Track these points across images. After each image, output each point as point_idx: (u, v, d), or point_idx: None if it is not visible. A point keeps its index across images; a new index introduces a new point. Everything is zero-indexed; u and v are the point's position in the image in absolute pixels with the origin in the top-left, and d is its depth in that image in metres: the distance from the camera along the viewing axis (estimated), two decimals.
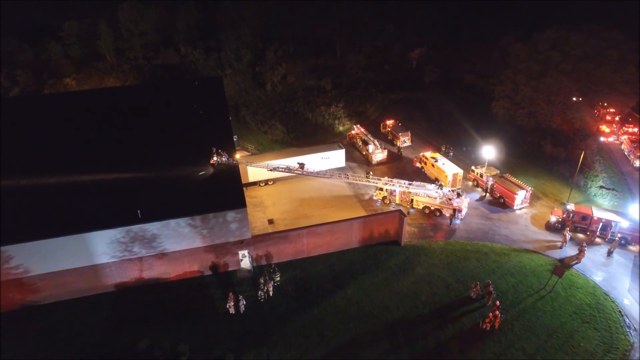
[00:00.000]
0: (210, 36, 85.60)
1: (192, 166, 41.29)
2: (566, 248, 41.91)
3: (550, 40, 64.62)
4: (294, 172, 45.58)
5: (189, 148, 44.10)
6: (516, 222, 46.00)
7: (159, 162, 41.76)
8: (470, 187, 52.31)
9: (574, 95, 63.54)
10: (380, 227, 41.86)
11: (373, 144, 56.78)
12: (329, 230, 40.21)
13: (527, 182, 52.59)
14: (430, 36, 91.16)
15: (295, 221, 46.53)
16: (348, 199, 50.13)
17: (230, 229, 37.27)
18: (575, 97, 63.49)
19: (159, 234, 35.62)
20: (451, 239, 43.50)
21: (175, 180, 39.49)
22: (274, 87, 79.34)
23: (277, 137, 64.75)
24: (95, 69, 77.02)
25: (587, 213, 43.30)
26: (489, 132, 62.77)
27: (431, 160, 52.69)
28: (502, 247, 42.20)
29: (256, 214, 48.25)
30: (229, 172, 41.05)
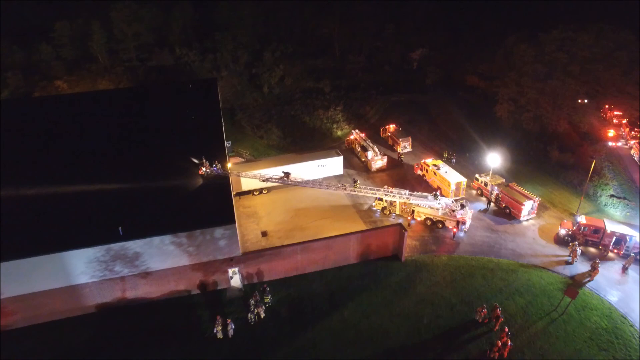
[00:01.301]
0: (206, 37, 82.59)
1: (180, 177, 38.54)
2: (577, 264, 39.00)
3: (556, 40, 61.38)
4: (281, 182, 42.59)
5: (177, 157, 41.24)
6: (523, 235, 43.07)
7: (144, 172, 39.03)
8: (475, 197, 49.35)
9: (581, 98, 60.57)
10: (379, 242, 39.00)
11: (372, 150, 53.83)
12: (324, 246, 37.36)
13: (534, 190, 49.69)
14: (431, 36, 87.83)
15: (290, 233, 43.74)
16: (346, 209, 47.24)
17: (219, 246, 34.46)
18: (580, 100, 60.45)
19: (141, 252, 32.82)
20: (455, 253, 40.60)
21: (161, 192, 36.69)
22: (271, 89, 76.37)
23: (273, 142, 61.84)
24: (88, 70, 74.12)
25: (599, 226, 40.33)
26: (492, 137, 59.88)
27: (433, 168, 49.74)
28: (509, 262, 39.28)
29: (249, 226, 45.41)
30: (218, 184, 38.18)
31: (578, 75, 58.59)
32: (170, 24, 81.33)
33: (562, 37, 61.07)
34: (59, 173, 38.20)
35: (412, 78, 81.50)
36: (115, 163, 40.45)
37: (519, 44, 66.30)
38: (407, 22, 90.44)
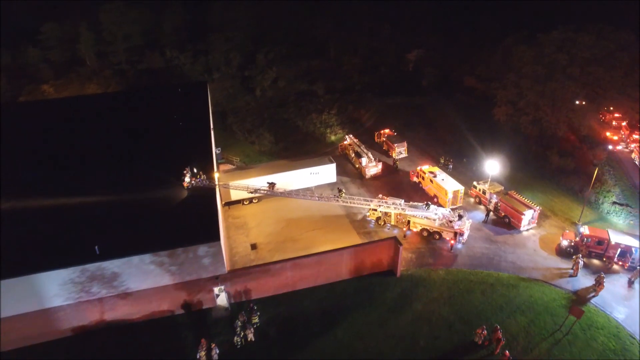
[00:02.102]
0: (198, 38, 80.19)
1: (162, 189, 36.30)
2: (580, 277, 36.89)
3: (556, 41, 59.15)
4: (265, 193, 40.22)
5: (160, 167, 39.02)
6: (524, 246, 40.92)
7: (122, 184, 36.84)
8: (472, 205, 47.18)
9: (580, 100, 58.40)
10: (373, 256, 36.80)
11: (366, 157, 51.57)
12: (316, 262, 35.14)
13: (534, 197, 47.60)
14: (428, 37, 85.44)
15: (281, 245, 41.54)
16: (339, 219, 45.00)
17: (203, 264, 32.17)
18: (578, 101, 58.25)
19: (120, 272, 30.51)
20: (452, 266, 38.41)
21: (141, 206, 34.48)
22: (263, 92, 74.05)
23: (265, 148, 59.52)
24: (76, 74, 71.66)
25: (603, 237, 38.22)
26: (491, 141, 57.70)
27: (429, 176, 47.53)
28: (509, 276, 37.12)
29: (238, 238, 43.18)
30: (203, 197, 35.96)
31: (578, 77, 56.42)
32: (161, 26, 78.82)
33: (561, 38, 58.85)
34: (27, 186, 36.00)
35: (408, 79, 79.22)
36: (90, 174, 38.24)
37: (518, 45, 64.05)
38: (404, 22, 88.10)
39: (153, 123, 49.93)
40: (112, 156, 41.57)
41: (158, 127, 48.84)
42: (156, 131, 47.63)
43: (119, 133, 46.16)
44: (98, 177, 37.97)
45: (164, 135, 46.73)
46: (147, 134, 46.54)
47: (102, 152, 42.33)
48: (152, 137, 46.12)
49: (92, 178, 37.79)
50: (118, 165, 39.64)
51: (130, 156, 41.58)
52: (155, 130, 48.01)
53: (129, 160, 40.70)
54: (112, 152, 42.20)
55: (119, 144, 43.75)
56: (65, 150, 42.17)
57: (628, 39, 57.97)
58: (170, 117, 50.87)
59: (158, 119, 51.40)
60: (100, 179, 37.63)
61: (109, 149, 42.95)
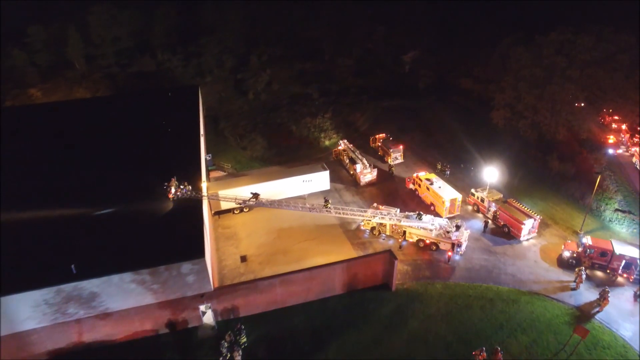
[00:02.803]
0: (190, 41, 78.00)
1: (145, 201, 34.34)
2: (583, 290, 35.14)
3: (555, 43, 57.39)
4: (249, 204, 38.04)
5: (144, 176, 37.06)
6: (524, 257, 39.14)
7: (103, 195, 34.81)
8: (470, 213, 45.37)
9: (579, 103, 56.66)
10: (367, 270, 34.95)
11: (361, 163, 49.66)
12: (306, 278, 33.27)
13: (534, 205, 45.89)
14: (424, 38, 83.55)
15: (272, 258, 39.68)
16: (332, 229, 43.12)
17: (187, 282, 30.23)
18: (577, 103, 56.50)
19: (99, 292, 28.54)
20: (450, 280, 36.60)
21: (121, 220, 32.53)
22: (257, 96, 71.99)
23: (257, 154, 57.52)
24: (64, 77, 69.46)
25: (607, 248, 36.46)
26: (489, 145, 55.94)
27: (426, 183, 45.66)
28: (509, 290, 35.33)
29: (228, 249, 41.26)
30: (189, 210, 33.99)
31: (578, 80, 54.67)
32: (152, 28, 76.55)
33: (560, 40, 57.08)
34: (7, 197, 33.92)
35: (404, 82, 77.26)
36: (67, 185, 36.20)
37: (515, 47, 62.23)
38: (399, 23, 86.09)
39: (140, 129, 48.04)
40: (91, 165, 39.58)
41: (145, 134, 46.95)
42: (142, 138, 45.70)
43: (102, 140, 44.28)
44: (75, 187, 35.93)
45: (151, 142, 44.80)
46: (132, 141, 44.60)
47: (81, 160, 40.44)
48: (137, 144, 44.16)
49: (69, 189, 35.77)
50: (98, 175, 37.56)
51: (112, 165, 39.58)
52: (141, 137, 46.08)
53: (110, 169, 38.64)
54: (93, 161, 40.24)
55: (100, 152, 41.81)
56: (41, 159, 40.24)
57: (628, 40, 56.29)
58: (158, 123, 49.03)
59: (145, 124, 49.50)
60: (78, 190, 35.62)
61: (89, 157, 41.02)
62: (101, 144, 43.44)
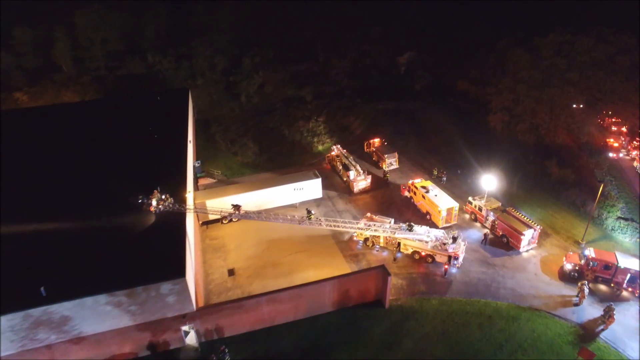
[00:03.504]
0: (181, 43, 75.72)
1: (123, 214, 32.25)
2: (587, 305, 33.19)
3: (553, 45, 55.48)
4: (231, 217, 35.71)
5: (125, 186, 34.96)
6: (524, 269, 37.17)
7: (78, 208, 32.71)
8: (468, 222, 43.37)
9: (578, 105, 54.69)
10: (359, 286, 32.93)
11: (355, 170, 47.58)
12: (295, 296, 31.24)
13: (533, 213, 43.97)
14: (420, 38, 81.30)
15: (261, 271, 37.68)
16: (324, 240, 41.07)
17: (167, 302, 28.16)
18: (575, 105, 54.49)
19: (71, 315, 26.47)
20: (447, 295, 34.60)
21: (97, 236, 30.46)
22: (249, 99, 69.81)
23: (248, 159, 55.38)
24: (51, 81, 67.17)
25: (611, 261, 34.48)
26: (486, 150, 54.01)
27: (421, 191, 43.62)
28: (508, 306, 33.35)
29: (215, 262, 39.20)
30: (170, 224, 31.93)
31: (577, 83, 52.73)
32: (142, 29, 74.22)
33: (559, 41, 55.19)
34: None
35: (400, 84, 75.14)
36: (39, 196, 34.03)
37: (513, 48, 60.27)
38: (395, 24, 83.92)
39: (125, 136, 45.97)
40: (67, 175, 37.49)
41: (129, 141, 44.81)
42: (126, 145, 43.60)
43: (83, 147, 42.29)
44: (46, 200, 33.79)
45: (135, 149, 42.72)
46: (115, 149, 42.56)
47: (56, 170, 38.33)
48: (120, 151, 42.15)
49: (39, 202, 33.62)
50: (73, 186, 35.45)
51: (90, 175, 37.50)
52: (125, 144, 43.96)
53: (88, 179, 36.58)
54: (69, 171, 38.18)
55: (79, 161, 39.80)
56: (12, 168, 38.01)
57: (629, 42, 54.31)
58: (144, 129, 46.98)
59: (131, 131, 47.50)
60: (49, 203, 33.46)
61: (66, 166, 38.96)
62: (81, 152, 41.49)
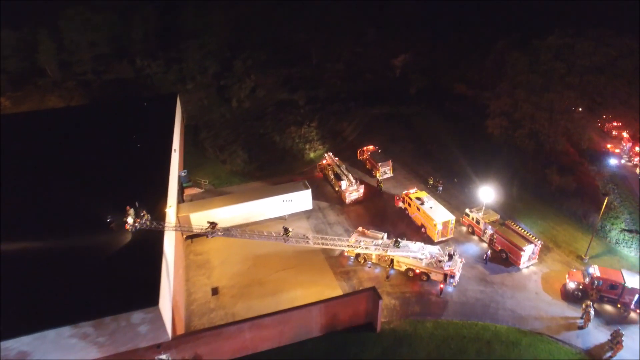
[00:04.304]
0: (171, 46, 73.18)
1: (93, 234, 29.73)
2: (592, 328, 30.81)
3: (552, 48, 52.97)
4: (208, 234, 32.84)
5: (100, 202, 32.50)
6: (524, 288, 34.75)
7: (44, 226, 30.17)
8: (465, 235, 40.94)
9: (577, 109, 52.25)
10: (348, 309, 30.51)
11: (347, 180, 45.11)
12: (279, 321, 28.79)
13: (533, 225, 41.61)
14: (415, 40, 78.76)
15: (246, 290, 35.27)
16: (314, 256, 38.59)
17: (139, 332, 25.68)
18: (576, 110, 52.08)
19: (30, 350, 23.93)
20: (442, 317, 32.17)
21: (62, 259, 27.95)
22: (240, 103, 67.41)
23: (237, 168, 52.84)
24: (35, 85, 64.58)
25: (617, 280, 32.09)
26: (484, 157, 51.71)
27: (416, 202, 41.16)
28: (508, 329, 30.94)
29: (198, 280, 36.73)
30: (146, 243, 29.42)
31: (578, 87, 50.29)
32: (131, 32, 71.59)
33: (558, 44, 52.65)
34: None
35: (394, 87, 72.74)
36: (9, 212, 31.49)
37: (511, 51, 57.79)
38: (389, 25, 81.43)
39: (104, 144, 43.67)
40: (34, 189, 34.91)
41: (110, 151, 42.49)
42: (106, 156, 41.23)
43: (57, 158, 39.75)
44: (10, 217, 31.19)
45: (115, 160, 40.30)
46: (94, 159, 40.17)
47: (23, 183, 35.74)
48: (99, 162, 39.71)
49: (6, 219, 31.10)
50: (39, 201, 32.91)
51: (60, 189, 34.99)
52: (105, 154, 41.64)
53: (57, 193, 34.05)
54: (37, 184, 35.57)
55: (51, 172, 37.28)
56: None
57: (631, 45, 51.81)
58: (127, 137, 44.57)
59: (113, 139, 45.08)
60: (9, 221, 30.84)
61: (35, 179, 36.36)
62: (53, 163, 38.96)
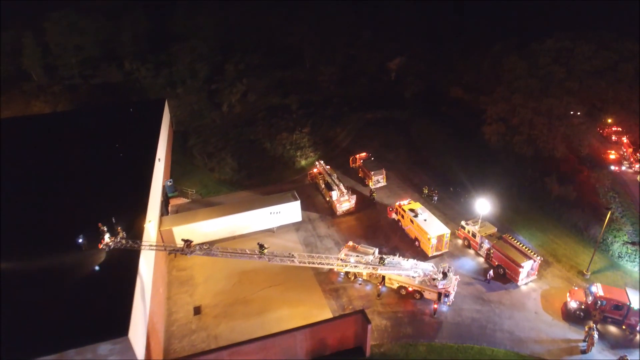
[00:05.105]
0: (161, 49, 71.00)
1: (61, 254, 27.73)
2: (595, 352, 28.81)
3: (551, 51, 51.15)
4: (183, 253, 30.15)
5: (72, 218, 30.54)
6: (523, 307, 32.73)
7: (2, 248, 28.08)
8: (460, 249, 38.91)
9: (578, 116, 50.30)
10: (336, 333, 28.48)
11: (338, 190, 43.05)
12: (261, 348, 26.73)
13: (532, 238, 39.65)
14: (410, 43, 76.66)
15: (230, 309, 33.33)
16: (302, 272, 36.40)
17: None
18: (573, 112, 50.10)
19: None
20: (436, 339, 30.13)
21: (22, 284, 25.85)
22: (231, 108, 65.35)
23: (226, 176, 50.73)
24: (20, 90, 62.47)
25: (622, 301, 30.10)
26: (480, 164, 49.71)
27: (409, 214, 39.11)
28: (506, 353, 28.95)
29: (180, 298, 34.69)
30: (120, 264, 27.38)
31: (578, 92, 48.39)
32: (119, 35, 69.42)
33: (557, 48, 50.84)
34: None
35: (389, 91, 70.68)
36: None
37: (508, 55, 55.82)
38: (385, 28, 79.32)
39: (84, 153, 41.65)
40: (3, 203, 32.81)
41: (89, 159, 40.45)
42: (84, 165, 39.24)
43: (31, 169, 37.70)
44: None
45: (93, 170, 38.28)
46: (70, 169, 38.14)
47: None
48: (75, 173, 37.71)
49: None
50: (4, 217, 30.80)
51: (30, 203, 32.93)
52: (83, 163, 39.63)
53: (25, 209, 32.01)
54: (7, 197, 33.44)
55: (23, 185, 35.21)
56: None
57: (632, 48, 50.01)
58: (109, 145, 42.52)
59: (93, 147, 43.07)
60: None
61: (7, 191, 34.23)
62: (26, 175, 36.88)
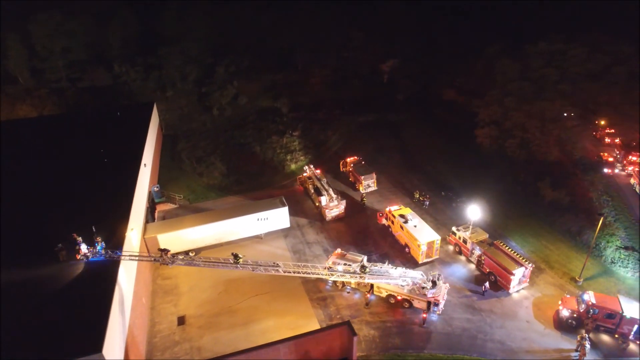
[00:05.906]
0: (150, 51, 69.99)
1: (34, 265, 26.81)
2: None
3: (544, 54, 50.63)
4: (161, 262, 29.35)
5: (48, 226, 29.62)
6: (514, 316, 32.03)
7: None
8: (452, 255, 38.20)
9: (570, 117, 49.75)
10: (321, 346, 27.54)
11: (327, 195, 42.28)
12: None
13: (525, 244, 39.02)
14: (403, 45, 75.95)
15: (215, 320, 32.47)
16: (289, 280, 35.45)
17: None
18: (566, 113, 49.54)
19: None
20: (425, 350, 29.38)
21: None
22: (221, 111, 64.48)
23: (214, 181, 49.88)
24: (5, 93, 61.34)
25: (614, 309, 29.44)
26: (473, 168, 49.15)
27: (399, 220, 38.36)
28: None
29: (164, 308, 33.80)
30: (98, 275, 26.46)
31: (571, 95, 47.85)
32: (108, 38, 68.39)
33: (550, 50, 50.33)
34: None
35: (382, 93, 70.10)
36: None
37: (501, 57, 55.28)
38: (378, 30, 78.64)
39: (68, 158, 40.75)
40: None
41: (72, 164, 39.54)
42: (66, 170, 38.33)
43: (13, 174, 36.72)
44: None
45: (76, 175, 37.40)
46: (51, 175, 37.21)
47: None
48: (57, 178, 36.78)
49: None
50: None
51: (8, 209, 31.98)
52: (66, 168, 38.71)
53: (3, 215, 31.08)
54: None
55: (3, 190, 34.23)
56: None
57: (626, 51, 49.57)
58: (94, 149, 41.60)
59: (77, 152, 42.17)
60: None
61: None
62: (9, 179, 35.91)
